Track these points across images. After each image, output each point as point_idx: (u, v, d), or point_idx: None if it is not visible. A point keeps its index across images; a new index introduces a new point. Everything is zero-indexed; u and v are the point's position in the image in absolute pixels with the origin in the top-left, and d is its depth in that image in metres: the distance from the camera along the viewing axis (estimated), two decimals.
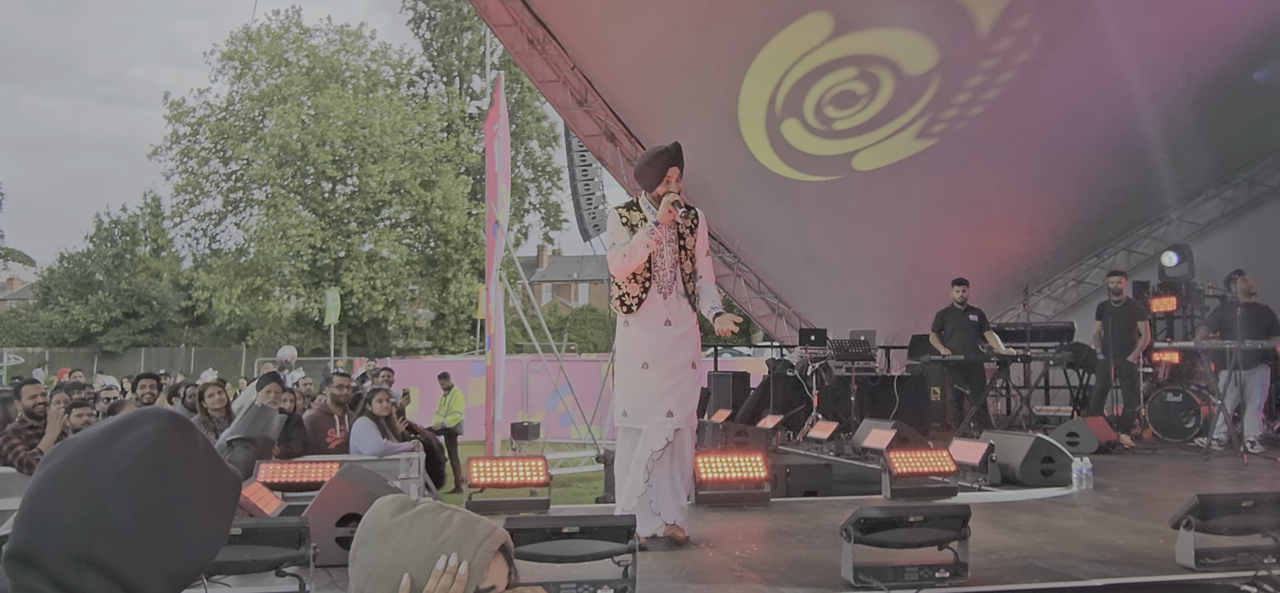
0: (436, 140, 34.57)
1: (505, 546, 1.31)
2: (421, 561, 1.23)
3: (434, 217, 33.37)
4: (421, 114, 34.42)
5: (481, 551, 1.25)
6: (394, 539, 1.25)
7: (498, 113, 14.87)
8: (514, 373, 20.01)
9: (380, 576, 1.24)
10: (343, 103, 31.76)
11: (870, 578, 3.36)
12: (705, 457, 5.55)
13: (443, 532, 1.25)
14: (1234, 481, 6.47)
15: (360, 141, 32.15)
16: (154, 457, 1.12)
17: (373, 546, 1.26)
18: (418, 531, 1.25)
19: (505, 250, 16.87)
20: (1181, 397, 9.17)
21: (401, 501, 1.31)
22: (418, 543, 1.24)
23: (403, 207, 33.93)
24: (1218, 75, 9.91)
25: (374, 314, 33.32)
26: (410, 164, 33.19)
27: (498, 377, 14.60)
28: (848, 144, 10.62)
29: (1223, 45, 9.63)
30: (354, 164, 33.08)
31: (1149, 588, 3.44)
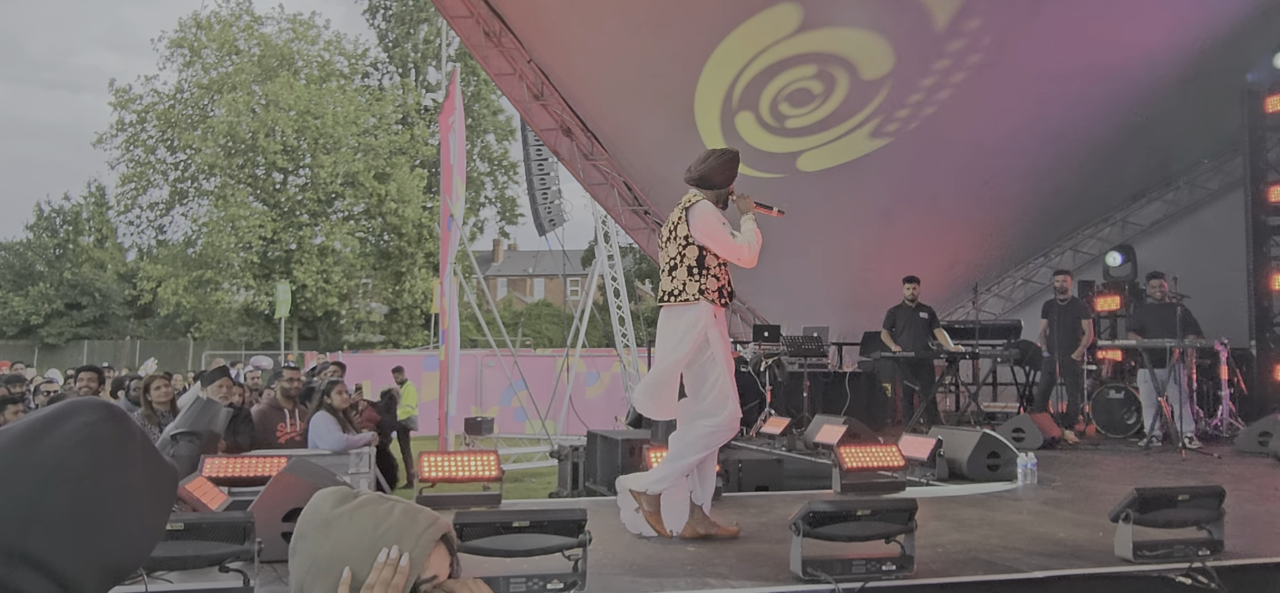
0: (391, 132, 34.20)
1: (447, 536, 1.30)
2: (362, 553, 1.22)
3: (388, 210, 33.01)
4: (376, 106, 34.03)
5: (422, 541, 1.24)
6: (335, 531, 1.24)
7: (453, 105, 14.76)
8: (468, 368, 19.90)
9: (321, 569, 1.23)
10: (294, 92, 31.27)
11: (818, 571, 3.39)
12: (658, 452, 5.56)
13: (383, 523, 1.24)
14: (1172, 475, 6.65)
15: (312, 132, 31.68)
16: (90, 449, 1.10)
17: (313, 538, 1.25)
18: (358, 522, 1.24)
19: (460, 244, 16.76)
20: (1123, 393, 9.41)
21: (342, 493, 1.30)
22: (359, 535, 1.23)
23: (356, 199, 33.51)
24: (1160, 81, 10.16)
25: (326, 308, 32.89)
26: (364, 156, 32.79)
27: (451, 372, 14.51)
28: (796, 143, 10.71)
29: (1165, 51, 9.87)
30: (306, 155, 32.59)
31: (1088, 580, 3.52)
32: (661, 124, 11.09)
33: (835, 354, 12.12)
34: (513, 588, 3.28)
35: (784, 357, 10.06)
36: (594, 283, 18.24)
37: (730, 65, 9.80)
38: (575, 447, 10.84)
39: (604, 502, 6.27)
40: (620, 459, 8.63)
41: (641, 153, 11.96)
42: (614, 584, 3.43)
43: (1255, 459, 7.51)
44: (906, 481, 5.92)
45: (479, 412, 18.05)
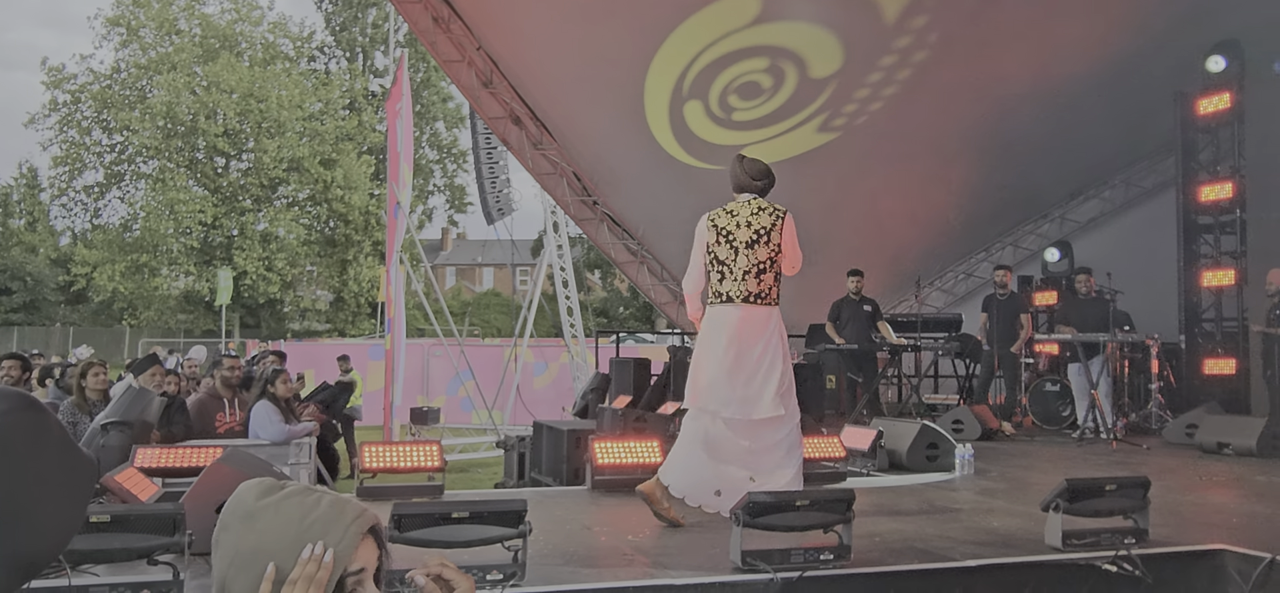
0: (337, 118, 33.66)
1: (375, 528, 1.29)
2: (287, 545, 1.20)
3: (334, 196, 32.51)
4: (322, 90, 33.46)
5: (349, 534, 1.23)
6: (259, 523, 1.22)
7: (401, 91, 14.58)
8: (415, 357, 19.70)
9: (244, 562, 1.21)
10: (236, 74, 30.61)
11: (757, 561, 3.43)
12: (602, 442, 5.58)
13: (310, 515, 1.22)
14: (1102, 466, 6.83)
15: (255, 115, 31.05)
16: (2, 440, 1.08)
17: (237, 530, 1.22)
18: (284, 514, 1.22)
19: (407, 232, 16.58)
20: (1059, 386, 9.64)
21: (267, 484, 1.27)
22: (284, 527, 1.21)
23: (301, 185, 32.93)
24: (1097, 81, 10.40)
25: (269, 295, 32.30)
26: (309, 141, 32.23)
27: (397, 361, 14.37)
28: (741, 137, 10.77)
29: (1103, 52, 10.10)
30: (248, 139, 31.93)
31: (1018, 568, 3.61)
32: (610, 113, 11.08)
33: None
34: None
35: None
36: (542, 273, 18.16)
37: (685, 52, 9.81)
38: (521, 437, 10.80)
39: (548, 493, 6.28)
40: (566, 450, 8.63)
41: (590, 143, 11.94)
42: (555, 575, 3.43)
43: (1182, 450, 7.76)
44: (847, 471, 6.00)
45: (425, 402, 17.88)
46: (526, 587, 3.22)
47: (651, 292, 13.84)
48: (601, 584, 3.31)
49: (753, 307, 4.46)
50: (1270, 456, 7.13)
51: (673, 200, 12.34)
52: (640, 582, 3.34)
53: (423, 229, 41.52)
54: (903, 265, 13.02)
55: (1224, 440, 7.43)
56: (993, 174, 11.86)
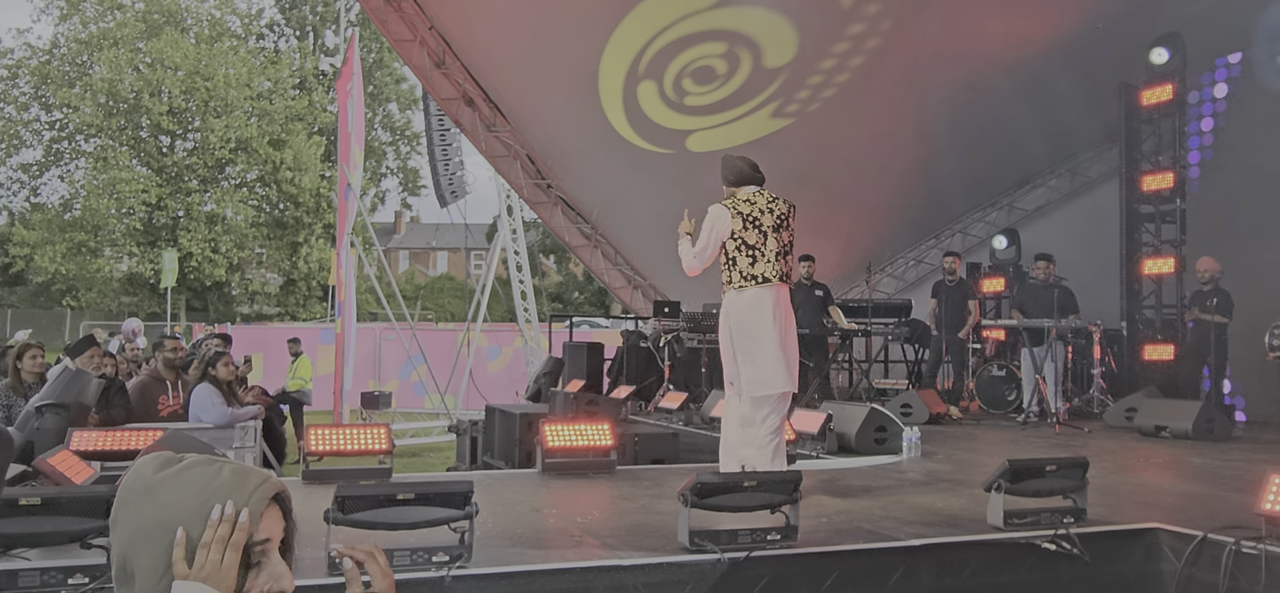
0: (287, 98, 33.02)
1: (281, 496, 1.26)
2: (192, 513, 1.16)
3: (284, 178, 31.93)
4: (271, 69, 32.80)
5: (255, 499, 1.20)
6: (159, 497, 1.18)
7: (352, 71, 14.37)
8: (366, 341, 19.48)
9: (146, 536, 1.16)
10: (181, 51, 29.87)
11: (705, 541, 3.44)
12: (553, 425, 5.56)
13: (213, 483, 1.18)
14: (1044, 448, 6.97)
15: (201, 94, 30.35)
16: None
17: (135, 506, 1.18)
18: (185, 485, 1.18)
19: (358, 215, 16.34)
20: (1005, 371, 9.82)
21: (166, 457, 1.23)
22: (186, 497, 1.17)
23: (249, 166, 32.29)
24: (1044, 72, 10.57)
25: (216, 278, 31.67)
26: (258, 121, 31.60)
27: (347, 345, 14.20)
28: (690, 122, 10.79)
29: (1050, 43, 10.27)
30: (194, 118, 31.22)
31: (961, 547, 3.66)
32: (564, 95, 11.02)
33: None
34: (397, 561, 3.22)
35: (683, 332, 10.15)
36: (496, 257, 18.04)
37: (643, 32, 9.77)
38: (474, 421, 10.76)
39: (498, 476, 6.24)
40: (518, 434, 8.60)
41: (544, 125, 11.86)
42: (502, 556, 3.40)
43: (1122, 433, 7.95)
44: (797, 454, 6.05)
45: (377, 386, 17.69)
46: (473, 568, 3.20)
47: (606, 276, 13.82)
48: (549, 566, 3.29)
49: (784, 286, 4.83)
50: (1205, 438, 7.33)
51: (626, 184, 12.34)
52: (588, 563, 3.33)
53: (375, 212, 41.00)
54: (855, 252, 13.15)
55: (1162, 424, 7.62)
56: (943, 161, 12.01)
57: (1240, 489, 4.85)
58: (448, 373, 16.19)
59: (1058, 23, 10.07)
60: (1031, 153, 13.06)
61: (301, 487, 4.86)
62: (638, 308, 13.71)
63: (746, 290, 4.76)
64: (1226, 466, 6.08)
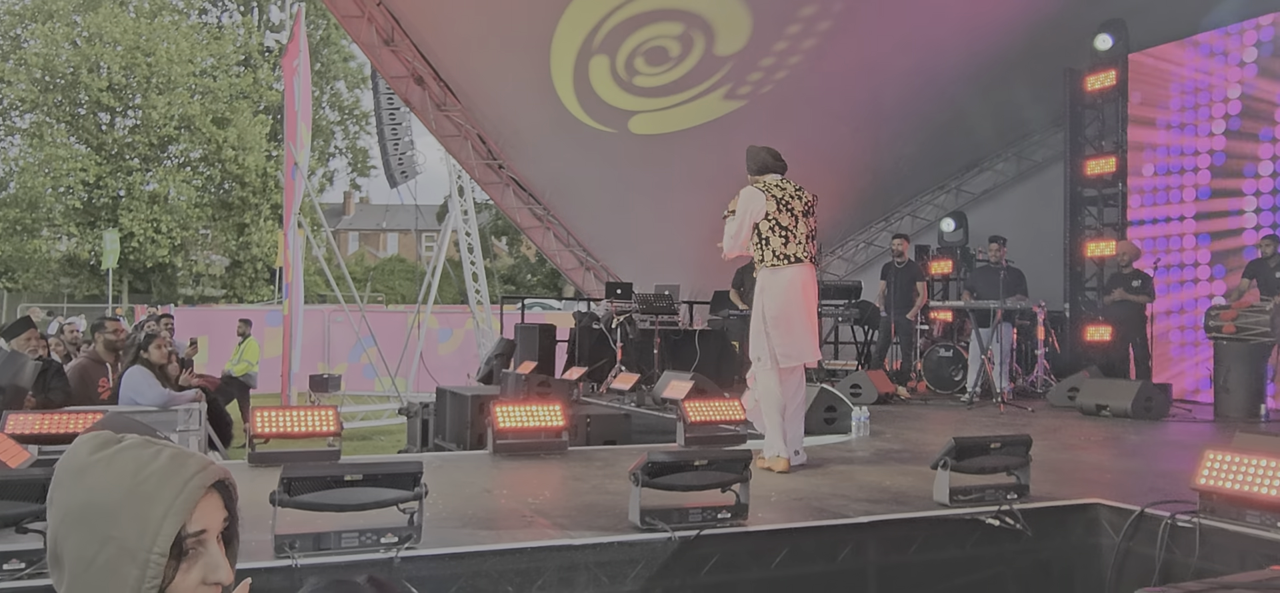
0: (231, 74, 32.25)
1: (223, 484, 1.20)
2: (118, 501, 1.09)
3: (228, 157, 31.20)
4: (214, 44, 31.98)
5: (188, 489, 1.14)
6: (89, 478, 1.12)
7: (298, 47, 14.07)
8: (315, 324, 19.19)
9: (74, 519, 1.11)
10: (121, 25, 29.00)
11: (656, 520, 3.45)
12: (504, 407, 5.53)
13: (145, 469, 1.12)
14: (989, 427, 7.10)
15: (142, 70, 29.51)
16: None
17: (67, 486, 1.13)
18: (117, 468, 1.12)
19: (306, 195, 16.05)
20: (952, 352, 9.98)
21: (104, 437, 1.17)
22: (115, 482, 1.12)
23: (192, 144, 31.51)
24: (992, 57, 10.71)
25: (159, 259, 30.91)
26: (201, 98, 30.82)
27: (295, 327, 13.96)
28: (636, 103, 10.77)
29: (998, 29, 10.41)
30: (135, 94, 30.36)
31: (908, 523, 3.72)
32: (516, 74, 10.91)
33: (686, 312, 12.31)
34: (345, 543, 3.19)
35: (635, 314, 10.14)
36: (447, 238, 17.86)
37: (600, 7, 9.71)
38: (425, 404, 10.66)
39: (449, 457, 6.20)
40: (469, 416, 8.53)
41: (495, 104, 11.74)
42: (452, 537, 3.38)
43: (1065, 412, 8.14)
44: (748, 434, 6.09)
45: (326, 369, 17.45)
46: (422, 550, 3.17)
47: (557, 257, 13.77)
48: (500, 546, 3.28)
49: (812, 267, 5.17)
50: (1143, 417, 7.53)
51: (578, 165, 12.28)
52: (539, 542, 3.32)
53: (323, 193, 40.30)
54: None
55: (1102, 403, 7.81)
56: (892, 145, 12.14)
57: (1174, 465, 4.99)
58: (398, 355, 16.03)
59: (1006, 9, 10.21)
60: (980, 137, 13.26)
61: (247, 470, 4.78)
62: (589, 289, 13.68)
63: (780, 269, 5.04)
64: (1162, 443, 6.26)
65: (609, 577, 3.31)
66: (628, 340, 10.00)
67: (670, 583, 3.38)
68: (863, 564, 3.63)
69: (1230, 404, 7.97)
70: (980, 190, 14.19)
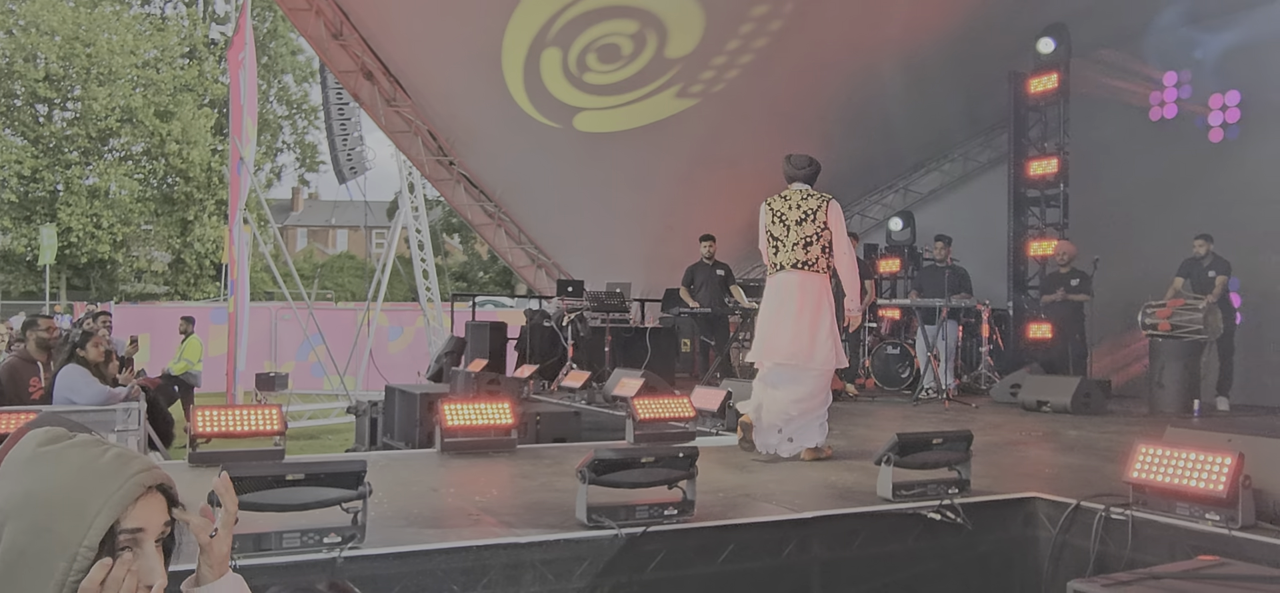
0: (175, 67, 31.58)
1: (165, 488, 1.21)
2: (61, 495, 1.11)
3: (171, 151, 30.54)
4: (157, 36, 31.29)
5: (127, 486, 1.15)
6: (35, 469, 1.13)
7: (244, 40, 13.84)
8: (262, 321, 18.87)
9: (17, 507, 1.11)
10: (59, 14, 28.22)
11: (603, 518, 3.45)
12: (452, 405, 5.49)
13: (91, 466, 1.14)
14: (934, 423, 7.22)
15: (82, 61, 28.75)
16: None
17: (14, 476, 1.14)
18: (63, 463, 1.14)
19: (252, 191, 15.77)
20: (899, 349, 10.12)
21: (55, 432, 1.19)
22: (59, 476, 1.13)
23: (135, 137, 30.80)
24: (939, 59, 10.88)
25: (98, 255, 30.16)
26: (144, 90, 30.13)
27: (240, 324, 13.73)
28: (583, 100, 10.78)
29: (944, 30, 10.58)
30: (75, 86, 29.57)
31: (850, 518, 3.77)
32: (466, 68, 10.83)
33: (638, 310, 12.33)
34: (286, 543, 3.14)
35: (587, 312, 10.14)
36: (397, 235, 17.68)
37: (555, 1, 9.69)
38: (374, 402, 10.54)
39: (396, 456, 6.14)
40: (418, 414, 8.46)
41: (446, 100, 11.64)
42: (396, 536, 3.35)
43: (1007, 408, 8.30)
44: (697, 431, 6.12)
45: (273, 367, 17.18)
46: (366, 549, 3.14)
47: (509, 255, 13.70)
48: (445, 544, 3.25)
49: (802, 272, 5.32)
50: (1082, 412, 7.72)
51: (529, 162, 12.23)
52: (485, 541, 3.30)
53: (271, 188, 39.68)
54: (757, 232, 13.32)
55: (1043, 399, 7.98)
56: (842, 144, 12.26)
57: (1111, 459, 5.12)
58: (347, 354, 15.84)
59: (953, 10, 10.38)
60: (927, 137, 13.47)
61: (187, 470, 4.69)
62: (541, 287, 13.63)
63: (770, 279, 5.49)
64: (1100, 437, 6.41)
65: (555, 575, 3.31)
66: (579, 338, 10.00)
67: (616, 580, 3.38)
68: (807, 559, 3.67)
69: (1165, 399, 8.20)
70: (928, 190, 14.41)
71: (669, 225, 12.47)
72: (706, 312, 9.85)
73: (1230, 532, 3.34)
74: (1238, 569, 2.91)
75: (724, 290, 10.07)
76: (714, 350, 9.98)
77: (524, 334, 10.99)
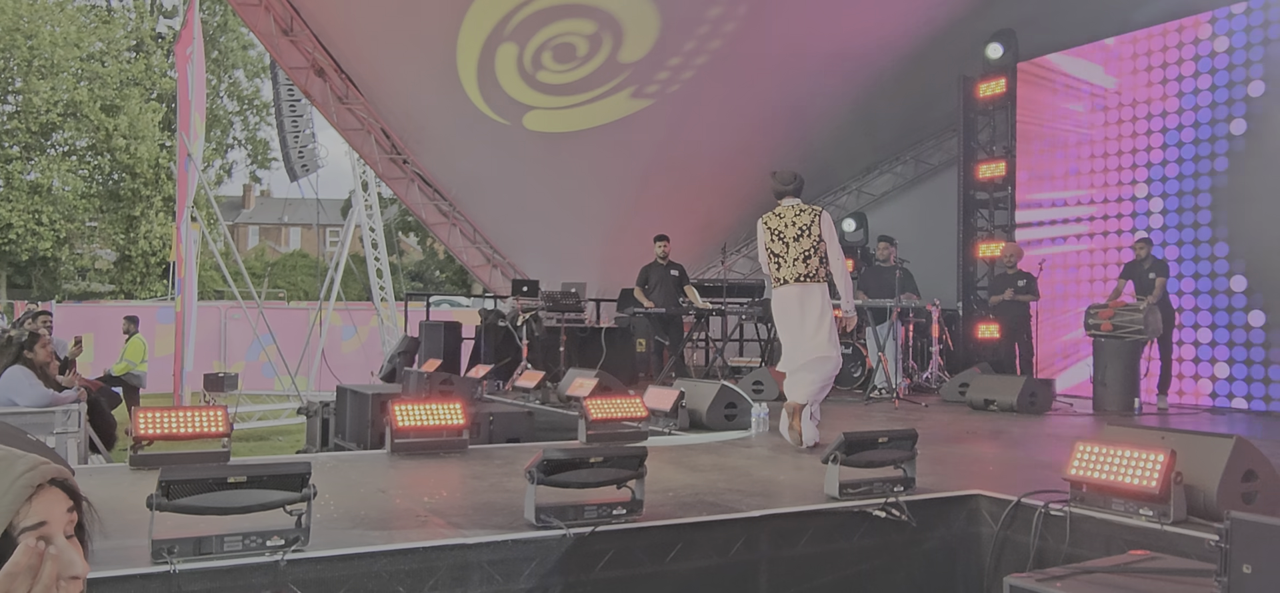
0: (121, 61, 30.87)
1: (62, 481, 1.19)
2: None
3: (118, 146, 29.84)
4: (103, 29, 30.57)
5: (17, 486, 1.13)
6: None
7: (191, 34, 13.61)
8: (211, 320, 18.56)
9: None
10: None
11: (551, 518, 3.45)
12: (403, 405, 5.45)
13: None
14: (884, 422, 7.32)
15: (23, 53, 28.00)
16: None
17: None
18: None
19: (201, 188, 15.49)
20: (851, 349, 10.23)
21: None
22: None
23: (79, 132, 30.05)
24: (892, 63, 11.03)
25: (40, 252, 29.39)
26: (89, 84, 29.41)
27: (188, 324, 13.50)
28: (534, 98, 10.76)
29: (896, 36, 10.72)
30: (15, 78, 28.78)
31: (797, 517, 3.81)
32: (420, 65, 10.75)
33: (593, 309, 12.33)
34: (227, 547, 3.10)
35: (542, 311, 10.11)
36: (351, 233, 17.48)
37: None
38: (325, 403, 10.42)
39: (345, 457, 6.07)
40: (370, 415, 8.38)
41: (399, 98, 11.54)
42: (342, 539, 3.32)
43: (955, 407, 8.44)
44: (649, 430, 6.14)
45: (222, 367, 16.90)
46: (310, 552, 3.11)
47: (464, 254, 13.62)
48: (391, 546, 3.23)
49: (805, 284, 5.82)
50: (1027, 411, 7.87)
51: (484, 161, 12.17)
52: (432, 542, 3.29)
53: (221, 185, 38.97)
54: (712, 233, 13.42)
55: (990, 398, 8.12)
56: (796, 146, 12.38)
57: (1052, 457, 5.23)
58: (299, 353, 15.63)
59: (905, 15, 10.53)
60: (880, 140, 13.65)
61: (128, 473, 4.61)
62: (496, 287, 13.57)
63: (778, 291, 5.98)
64: (1043, 436, 6.55)
65: (503, 576, 3.30)
66: (534, 338, 9.97)
67: (565, 580, 3.39)
68: (755, 558, 3.70)
69: (1107, 398, 8.39)
70: (881, 192, 14.60)
71: (624, 225, 12.48)
72: (661, 312, 9.87)
73: (1162, 527, 3.44)
74: (1167, 563, 2.99)
75: (678, 291, 10.11)
76: (669, 350, 10.02)
77: (478, 334, 10.93)
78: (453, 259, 29.15)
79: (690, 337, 10.59)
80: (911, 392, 9.48)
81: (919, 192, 14.23)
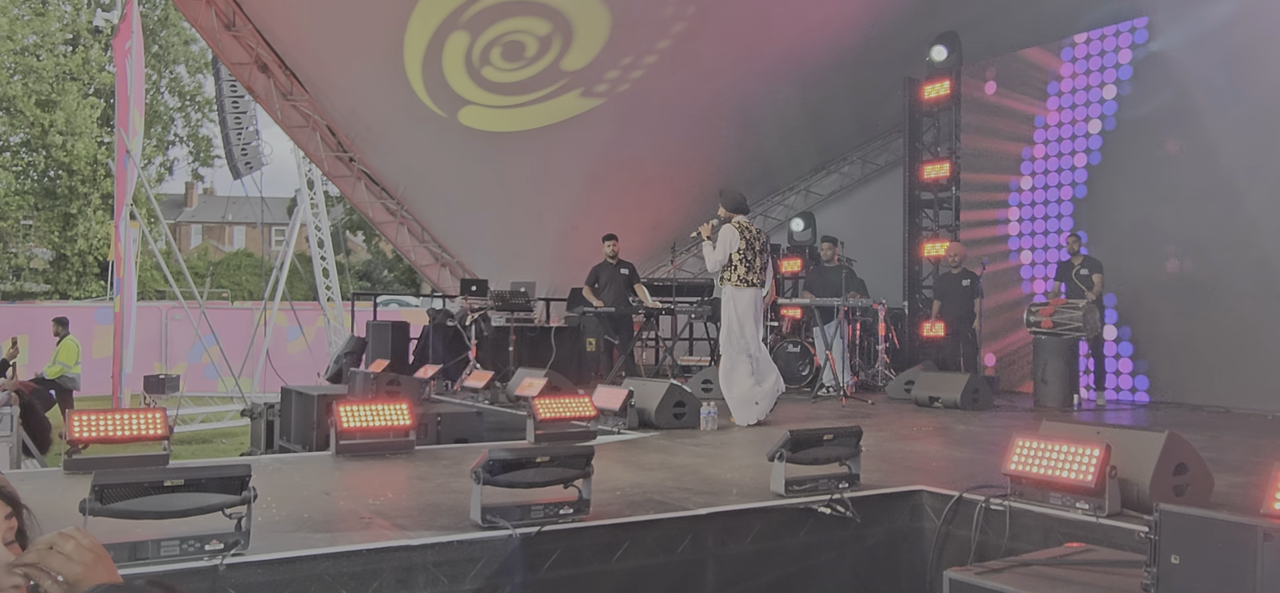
0: (57, 54, 30.01)
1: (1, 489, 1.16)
2: None
3: (54, 142, 29.01)
4: (38, 22, 29.68)
5: None
6: None
7: (130, 28, 13.30)
8: (151, 321, 18.14)
9: None
10: None
11: (497, 518, 3.43)
12: (348, 406, 5.38)
13: None
14: (831, 419, 7.40)
15: None
16: None
17: None
18: None
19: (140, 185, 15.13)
20: (799, 348, 10.34)
21: None
22: None
23: (13, 128, 29.15)
24: (841, 62, 11.16)
25: None
26: (23, 78, 28.55)
27: (127, 324, 13.19)
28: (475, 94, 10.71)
29: (842, 37, 10.85)
30: None
31: (744, 514, 3.84)
32: (366, 61, 10.62)
33: (542, 309, 12.29)
34: (165, 552, 3.03)
35: (491, 311, 10.05)
36: (296, 232, 17.20)
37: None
38: (270, 405, 10.25)
39: (288, 459, 5.97)
40: (315, 416, 8.25)
41: (345, 95, 11.38)
42: (283, 542, 3.26)
43: (901, 404, 8.57)
44: (598, 429, 6.13)
45: (163, 369, 16.53)
46: (250, 556, 3.05)
47: (412, 254, 13.48)
48: (334, 549, 3.19)
49: (759, 289, 7.03)
50: (971, 408, 8.02)
51: (432, 160, 12.07)
52: (376, 544, 3.25)
53: (163, 183, 38.05)
54: (662, 232, 13.45)
55: (935, 395, 8.26)
56: (744, 146, 12.49)
57: (994, 453, 5.33)
58: (243, 354, 15.34)
59: (851, 17, 10.65)
60: (826, 140, 13.79)
61: (62, 478, 4.49)
62: (445, 286, 13.45)
63: (743, 290, 6.94)
64: (985, 432, 6.68)
65: (448, 577, 3.28)
66: (483, 338, 9.91)
67: (511, 580, 3.37)
68: (702, 555, 3.72)
69: (1047, 395, 8.58)
70: (828, 192, 14.76)
71: (574, 224, 12.46)
72: (611, 311, 9.87)
73: (1098, 520, 3.53)
74: (1101, 555, 3.07)
75: (628, 290, 10.11)
76: (618, 349, 10.02)
77: (426, 334, 10.83)
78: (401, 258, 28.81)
79: (640, 336, 10.61)
80: (858, 389, 9.60)
81: (866, 192, 14.42)
